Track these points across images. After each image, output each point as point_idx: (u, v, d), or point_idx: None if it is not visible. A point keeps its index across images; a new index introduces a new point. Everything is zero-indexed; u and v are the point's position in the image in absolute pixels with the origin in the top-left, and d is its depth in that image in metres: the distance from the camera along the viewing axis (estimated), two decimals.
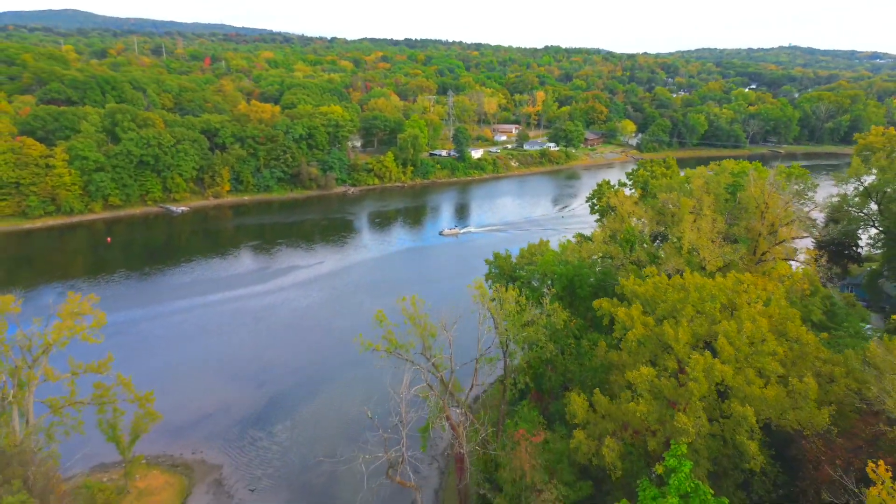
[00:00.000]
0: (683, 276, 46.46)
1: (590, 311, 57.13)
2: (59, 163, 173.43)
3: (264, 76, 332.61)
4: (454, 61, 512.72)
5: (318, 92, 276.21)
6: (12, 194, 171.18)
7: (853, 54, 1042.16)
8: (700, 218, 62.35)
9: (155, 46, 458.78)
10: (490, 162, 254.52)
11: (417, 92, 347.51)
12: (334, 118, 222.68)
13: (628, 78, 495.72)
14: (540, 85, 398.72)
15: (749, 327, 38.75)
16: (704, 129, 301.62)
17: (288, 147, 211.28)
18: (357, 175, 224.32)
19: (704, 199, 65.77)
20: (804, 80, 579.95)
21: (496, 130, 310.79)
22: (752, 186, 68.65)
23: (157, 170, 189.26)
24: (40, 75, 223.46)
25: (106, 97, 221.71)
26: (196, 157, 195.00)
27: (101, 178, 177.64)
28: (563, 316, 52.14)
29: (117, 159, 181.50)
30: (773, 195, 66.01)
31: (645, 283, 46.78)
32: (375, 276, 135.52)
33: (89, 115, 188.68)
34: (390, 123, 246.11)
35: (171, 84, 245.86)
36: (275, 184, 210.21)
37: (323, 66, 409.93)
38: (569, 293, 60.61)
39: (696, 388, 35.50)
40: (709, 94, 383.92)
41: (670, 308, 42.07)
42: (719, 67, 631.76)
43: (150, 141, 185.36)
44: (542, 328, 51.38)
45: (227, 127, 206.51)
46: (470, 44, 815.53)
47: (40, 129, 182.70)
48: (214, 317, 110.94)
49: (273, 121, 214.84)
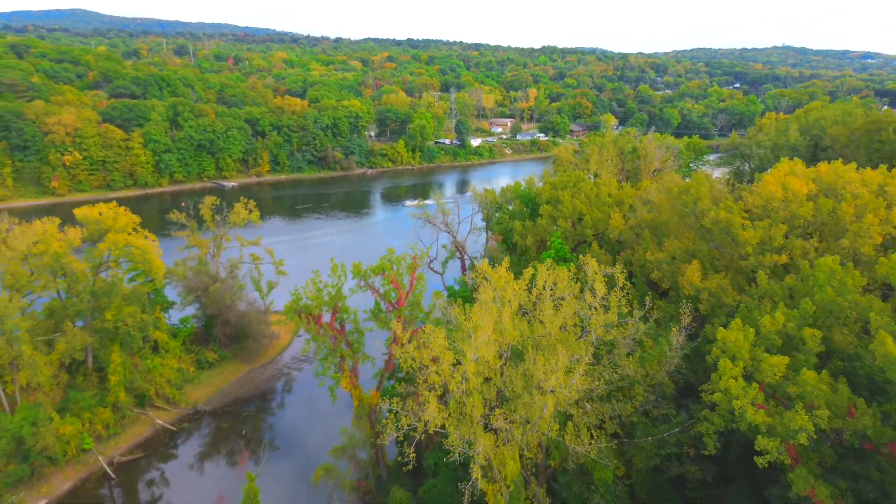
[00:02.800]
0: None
1: (535, 210, 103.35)
2: (136, 145, 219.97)
3: (284, 74, 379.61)
4: (455, 61, 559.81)
5: (337, 88, 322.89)
6: (100, 170, 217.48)
7: (845, 54, 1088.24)
8: (603, 159, 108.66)
9: (177, 47, 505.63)
10: (487, 149, 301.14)
11: (422, 89, 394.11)
12: (354, 111, 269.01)
13: (618, 77, 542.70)
14: (534, 83, 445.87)
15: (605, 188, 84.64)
16: (678, 121, 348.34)
17: (316, 134, 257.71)
18: (374, 159, 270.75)
19: (610, 148, 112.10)
20: (787, 80, 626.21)
21: (493, 123, 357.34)
22: (641, 145, 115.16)
23: (211, 152, 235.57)
24: (107, 73, 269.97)
25: (162, 92, 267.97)
26: (242, 142, 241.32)
27: (168, 158, 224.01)
28: (518, 205, 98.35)
29: (181, 143, 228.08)
30: (651, 148, 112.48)
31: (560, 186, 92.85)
32: (387, 228, 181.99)
33: (157, 107, 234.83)
34: (401, 116, 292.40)
35: (213, 81, 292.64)
36: (305, 165, 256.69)
37: (335, 66, 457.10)
38: (524, 203, 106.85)
39: (567, 210, 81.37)
40: (687, 92, 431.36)
41: (564, 186, 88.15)
42: (708, 67, 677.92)
43: (206, 128, 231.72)
44: (506, 212, 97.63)
45: (266, 117, 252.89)
46: (470, 44, 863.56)
47: (118, 118, 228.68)
48: (282, 246, 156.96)
49: (303, 112, 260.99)
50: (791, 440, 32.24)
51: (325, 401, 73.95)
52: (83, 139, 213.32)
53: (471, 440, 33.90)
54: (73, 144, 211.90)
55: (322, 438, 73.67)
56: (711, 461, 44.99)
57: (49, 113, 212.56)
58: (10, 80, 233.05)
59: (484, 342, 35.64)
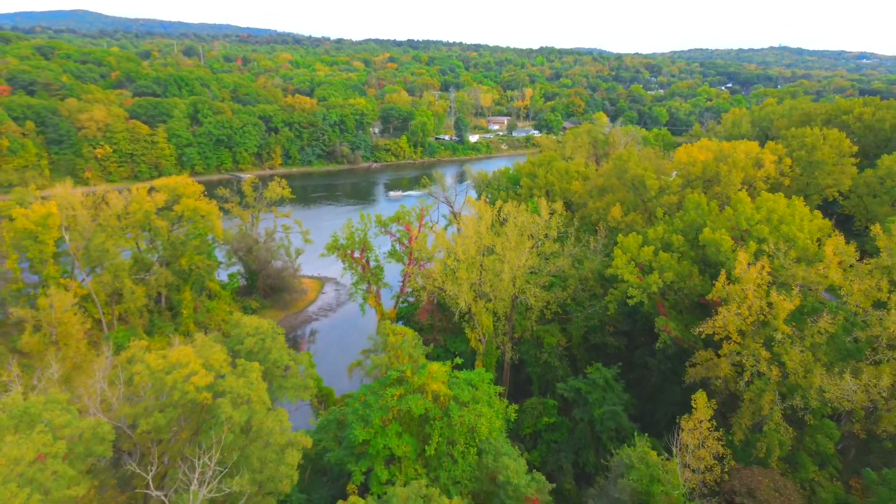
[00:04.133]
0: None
1: (517, 184, 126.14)
2: (160, 140, 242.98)
3: (291, 75, 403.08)
4: (455, 61, 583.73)
5: (342, 88, 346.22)
6: (128, 162, 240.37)
7: (841, 54, 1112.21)
8: (577, 145, 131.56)
9: (185, 49, 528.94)
10: (484, 145, 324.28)
11: (423, 89, 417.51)
12: (360, 108, 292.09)
13: (613, 77, 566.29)
14: (530, 83, 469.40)
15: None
16: (665, 119, 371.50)
17: (325, 131, 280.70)
18: (378, 153, 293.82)
19: (584, 136, 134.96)
20: (779, 80, 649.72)
21: (490, 121, 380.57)
22: (610, 134, 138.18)
23: (228, 146, 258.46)
24: (129, 73, 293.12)
25: (181, 91, 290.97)
26: (257, 138, 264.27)
27: (190, 151, 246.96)
28: (504, 182, 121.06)
29: (201, 138, 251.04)
30: (618, 136, 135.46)
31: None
32: (390, 212, 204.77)
33: (178, 105, 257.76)
34: (403, 113, 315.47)
35: (227, 81, 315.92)
36: (315, 159, 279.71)
37: (339, 67, 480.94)
38: (510, 181, 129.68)
39: (542, 181, 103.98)
40: (677, 91, 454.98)
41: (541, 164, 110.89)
42: (702, 67, 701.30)
43: (224, 124, 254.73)
44: (494, 187, 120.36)
45: (278, 114, 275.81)
46: (470, 45, 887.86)
47: (143, 115, 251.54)
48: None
49: (312, 110, 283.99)
50: (648, 290, 54.74)
51: (349, 338, 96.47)
52: (113, 134, 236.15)
53: (458, 294, 56.38)
54: (103, 139, 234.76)
55: (349, 359, 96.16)
56: (623, 335, 67.73)
57: (81, 110, 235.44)
58: (44, 80, 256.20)
59: (470, 241, 58.36)
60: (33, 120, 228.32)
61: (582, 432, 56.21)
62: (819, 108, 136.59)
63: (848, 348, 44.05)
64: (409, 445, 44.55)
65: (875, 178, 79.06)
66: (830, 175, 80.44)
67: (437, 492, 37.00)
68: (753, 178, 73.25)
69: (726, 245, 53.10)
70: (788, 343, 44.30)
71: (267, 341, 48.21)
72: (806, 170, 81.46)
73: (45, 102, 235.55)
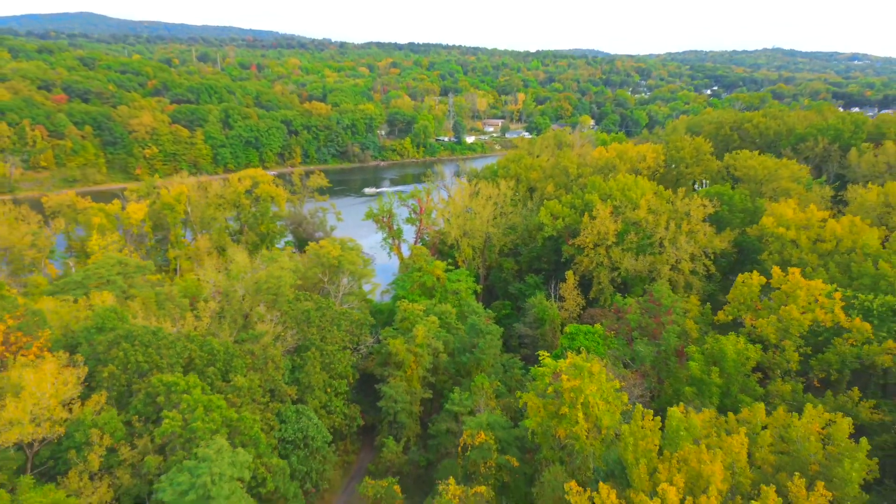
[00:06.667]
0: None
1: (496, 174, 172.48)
2: (199, 142, 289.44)
3: (304, 81, 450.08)
4: (454, 66, 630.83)
5: (352, 94, 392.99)
6: (171, 161, 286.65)
7: (833, 56, 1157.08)
8: (544, 146, 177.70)
9: (200, 55, 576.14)
10: (480, 145, 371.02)
11: (424, 93, 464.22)
12: (369, 113, 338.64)
13: (604, 81, 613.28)
14: (524, 87, 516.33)
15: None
16: (645, 122, 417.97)
17: (338, 133, 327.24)
18: (385, 153, 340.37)
19: (550, 139, 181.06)
20: (764, 82, 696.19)
21: (486, 123, 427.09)
22: (570, 136, 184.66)
23: (256, 147, 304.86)
24: (165, 82, 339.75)
25: (212, 98, 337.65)
26: (280, 139, 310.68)
27: (223, 151, 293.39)
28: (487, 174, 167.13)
29: (233, 139, 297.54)
30: (575, 138, 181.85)
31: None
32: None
33: (213, 111, 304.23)
34: (407, 117, 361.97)
35: (250, 89, 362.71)
36: (330, 158, 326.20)
37: (346, 72, 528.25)
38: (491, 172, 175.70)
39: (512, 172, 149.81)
40: (660, 95, 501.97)
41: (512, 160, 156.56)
42: (692, 70, 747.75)
43: (252, 127, 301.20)
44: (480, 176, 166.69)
45: (297, 119, 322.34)
46: (469, 47, 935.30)
47: (183, 120, 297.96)
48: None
49: (327, 114, 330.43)
50: (557, 228, 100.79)
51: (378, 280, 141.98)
52: (158, 136, 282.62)
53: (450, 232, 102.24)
54: (150, 140, 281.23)
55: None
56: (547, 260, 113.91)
57: (131, 116, 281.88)
58: (97, 90, 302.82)
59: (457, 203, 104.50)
60: (90, 124, 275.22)
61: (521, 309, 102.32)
62: (729, 117, 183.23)
63: (641, 245, 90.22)
64: (423, 301, 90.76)
65: (723, 167, 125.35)
66: (696, 166, 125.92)
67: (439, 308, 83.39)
68: (639, 168, 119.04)
69: (597, 202, 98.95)
70: (614, 247, 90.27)
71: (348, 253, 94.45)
72: (675, 163, 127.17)
73: (100, 109, 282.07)
